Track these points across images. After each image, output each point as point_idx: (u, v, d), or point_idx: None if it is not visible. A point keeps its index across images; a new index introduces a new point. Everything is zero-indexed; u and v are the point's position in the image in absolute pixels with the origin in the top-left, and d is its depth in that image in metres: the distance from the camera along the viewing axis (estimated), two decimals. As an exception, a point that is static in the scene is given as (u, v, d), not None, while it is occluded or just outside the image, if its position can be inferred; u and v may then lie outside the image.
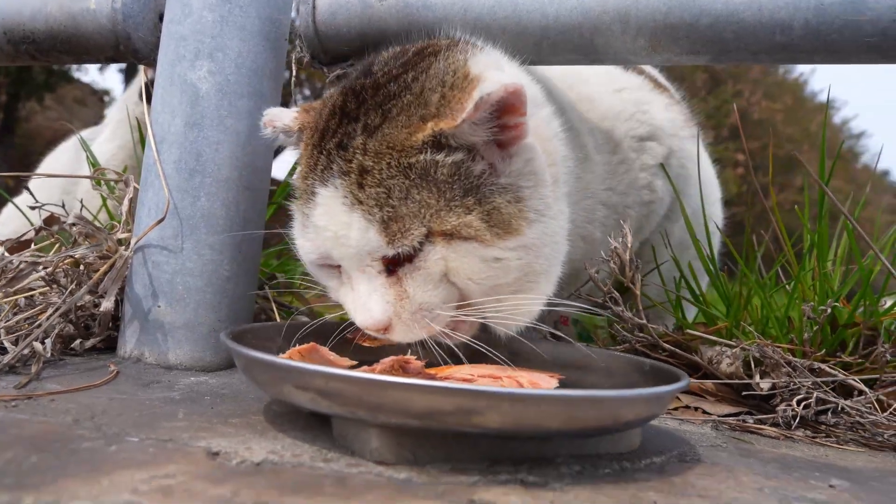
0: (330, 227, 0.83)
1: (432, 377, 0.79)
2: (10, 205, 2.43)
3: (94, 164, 1.56)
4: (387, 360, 0.77)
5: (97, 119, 3.14)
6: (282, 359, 0.69)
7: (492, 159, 0.84)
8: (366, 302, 0.83)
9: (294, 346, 0.87)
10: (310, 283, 0.98)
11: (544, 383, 0.80)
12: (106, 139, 2.48)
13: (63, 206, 1.44)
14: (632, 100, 1.24)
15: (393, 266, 0.83)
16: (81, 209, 1.49)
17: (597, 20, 0.96)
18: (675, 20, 0.93)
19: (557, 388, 0.81)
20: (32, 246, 1.34)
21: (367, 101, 0.86)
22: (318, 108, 0.94)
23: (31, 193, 1.37)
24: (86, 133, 2.44)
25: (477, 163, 0.83)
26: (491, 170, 0.84)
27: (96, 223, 1.06)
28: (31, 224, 1.79)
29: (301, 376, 0.63)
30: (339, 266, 0.88)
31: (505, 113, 0.80)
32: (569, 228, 0.95)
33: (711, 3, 0.91)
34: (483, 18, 1.01)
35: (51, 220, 1.52)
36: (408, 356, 0.79)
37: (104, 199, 1.40)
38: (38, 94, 10.28)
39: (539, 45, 1.01)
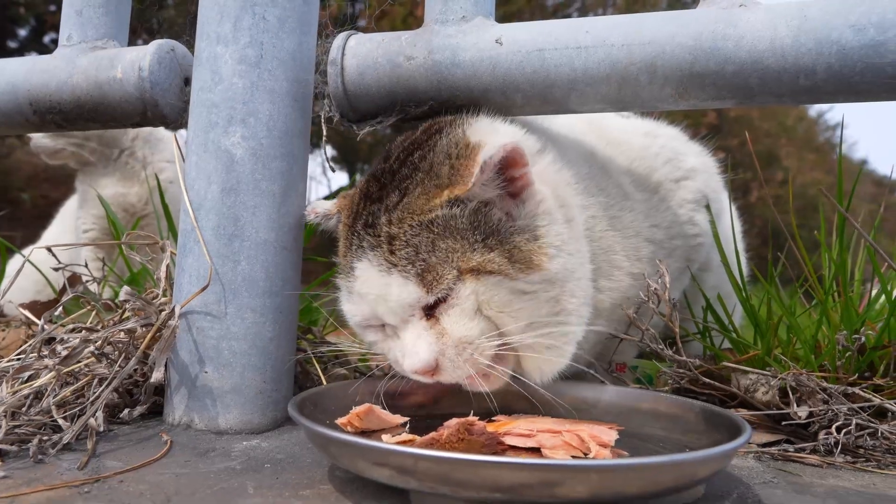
0: (371, 292, 0.94)
1: (495, 436, 0.81)
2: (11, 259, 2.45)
3: (114, 223, 1.57)
4: (452, 424, 0.78)
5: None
6: (358, 438, 0.70)
7: (507, 208, 0.94)
8: (412, 347, 0.92)
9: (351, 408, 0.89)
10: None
11: (605, 436, 0.81)
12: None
13: (86, 266, 1.45)
14: (669, 147, 1.34)
15: (430, 310, 0.92)
16: (96, 266, 1.50)
17: (624, 71, 0.99)
18: (701, 69, 0.96)
19: (618, 439, 0.83)
20: (59, 308, 1.34)
21: (386, 184, 0.98)
22: (353, 193, 1.06)
23: (54, 255, 1.38)
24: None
25: (494, 212, 0.93)
26: (507, 217, 0.94)
27: (145, 296, 1.07)
28: (48, 279, 1.79)
29: (384, 455, 0.65)
30: (381, 325, 0.99)
31: (508, 167, 0.91)
32: (591, 269, 1.02)
33: (735, 51, 0.94)
34: (511, 74, 1.03)
35: (74, 280, 1.53)
36: (471, 418, 0.80)
37: (125, 258, 1.41)
38: (18, 130, 10.17)
39: (567, 97, 1.03)
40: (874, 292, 1.24)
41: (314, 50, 1.14)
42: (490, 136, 0.93)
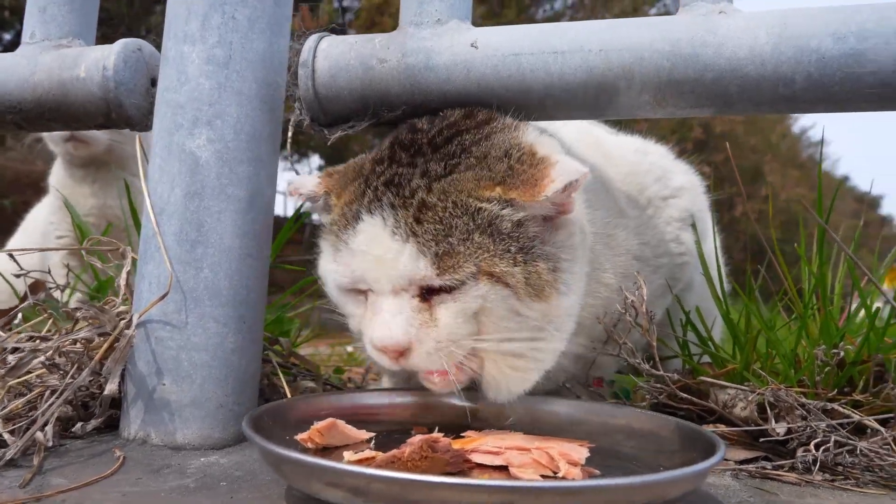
0: (373, 251, 0.88)
1: (461, 453, 0.78)
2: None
3: (79, 226, 1.52)
4: (416, 441, 0.75)
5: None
6: (311, 457, 0.66)
7: (541, 228, 0.91)
8: (388, 320, 0.88)
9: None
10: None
11: (575, 454, 0.78)
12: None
13: (49, 273, 1.40)
14: (659, 164, 1.34)
15: (428, 294, 0.88)
16: (65, 280, 1.45)
17: (601, 77, 0.96)
18: (680, 76, 0.94)
19: (588, 456, 0.80)
20: (20, 316, 1.29)
21: (424, 153, 0.94)
22: (346, 168, 1.01)
23: (17, 262, 1.33)
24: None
25: (533, 228, 0.90)
26: (540, 236, 0.90)
27: (98, 303, 1.02)
28: (12, 286, 1.74)
29: (337, 476, 0.61)
30: (365, 293, 0.93)
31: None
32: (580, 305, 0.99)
33: (715, 59, 0.92)
34: (486, 78, 1.00)
35: (36, 287, 1.48)
36: (435, 435, 0.77)
37: (92, 266, 1.36)
38: None
39: (543, 103, 1.01)
40: (854, 306, 1.22)
41: (286, 52, 1.11)
42: (560, 155, 0.90)
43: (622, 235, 1.17)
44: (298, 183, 1.02)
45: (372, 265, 0.89)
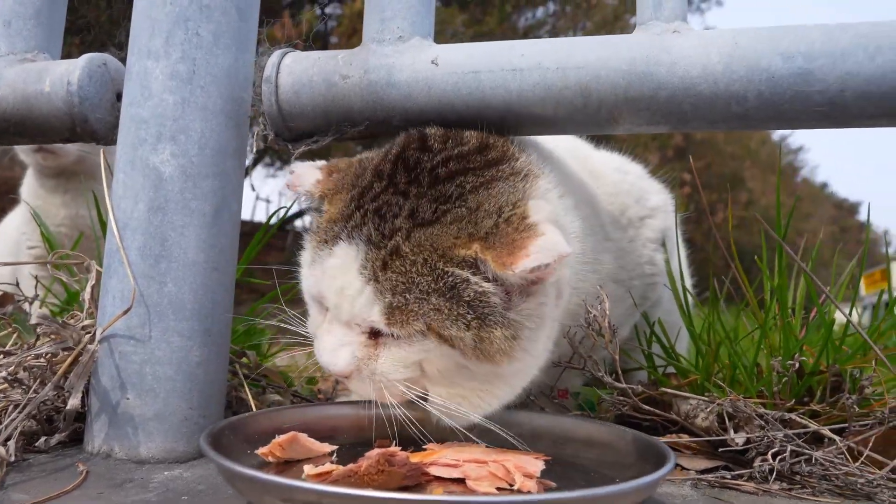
0: (338, 280, 0.90)
1: (419, 467, 0.78)
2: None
3: (48, 239, 1.51)
4: (373, 454, 0.76)
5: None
6: (263, 473, 0.66)
7: (512, 292, 0.88)
8: (336, 349, 0.91)
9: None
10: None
11: (530, 466, 0.79)
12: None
13: (17, 285, 1.40)
14: (638, 185, 1.34)
15: (377, 335, 0.90)
16: (36, 298, 1.44)
17: (559, 95, 0.98)
18: (635, 94, 0.96)
19: (544, 469, 0.81)
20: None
21: (421, 183, 0.91)
22: (348, 167, 0.99)
23: (-17, 274, 1.32)
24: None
25: (498, 294, 0.87)
26: (506, 301, 0.87)
27: (61, 318, 1.02)
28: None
29: (289, 492, 0.62)
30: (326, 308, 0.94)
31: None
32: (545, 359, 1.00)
33: (668, 77, 0.94)
34: (447, 95, 1.02)
35: (4, 300, 1.47)
36: (393, 448, 0.78)
37: (62, 279, 1.36)
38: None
39: (503, 119, 1.02)
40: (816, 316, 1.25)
41: (251, 67, 1.12)
42: (551, 227, 0.85)
43: (606, 259, 1.17)
44: (298, 177, 0.99)
45: (334, 293, 0.90)
